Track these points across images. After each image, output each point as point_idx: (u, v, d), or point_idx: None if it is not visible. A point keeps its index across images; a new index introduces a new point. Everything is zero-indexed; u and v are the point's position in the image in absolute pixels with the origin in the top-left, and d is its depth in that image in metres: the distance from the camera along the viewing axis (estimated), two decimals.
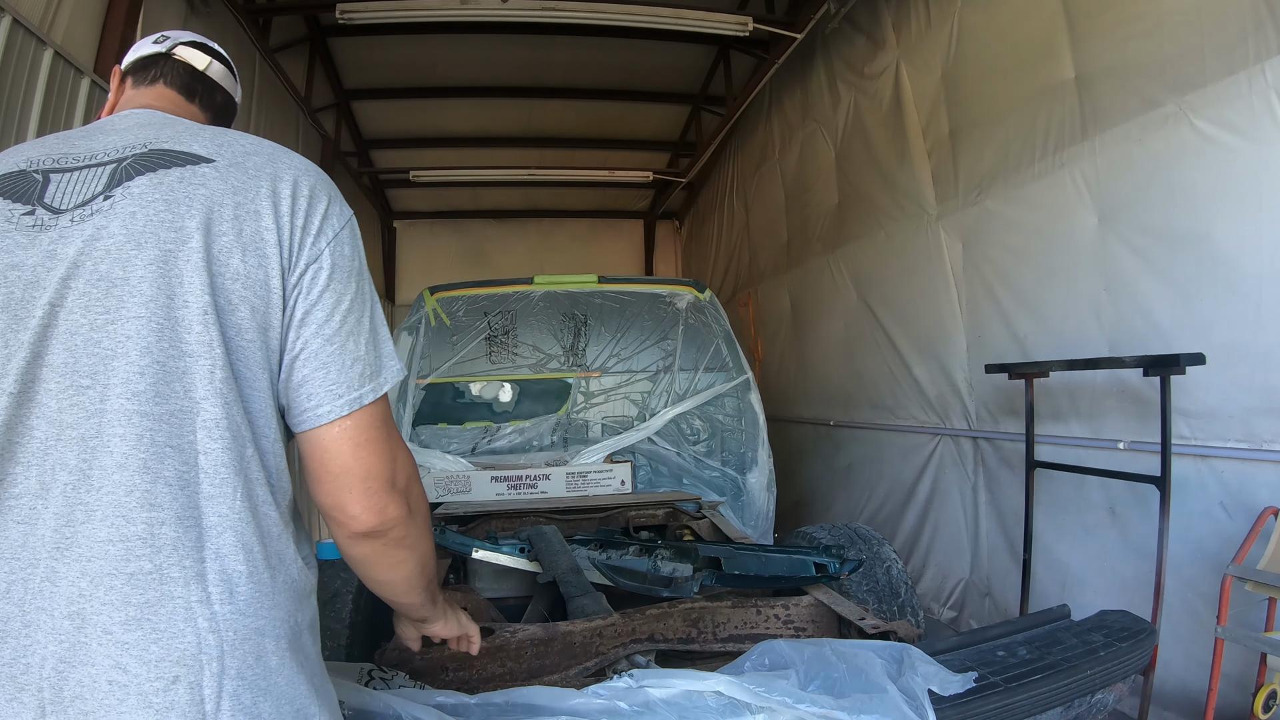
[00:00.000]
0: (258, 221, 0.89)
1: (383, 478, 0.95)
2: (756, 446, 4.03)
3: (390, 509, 0.96)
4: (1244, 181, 2.76)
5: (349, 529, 0.96)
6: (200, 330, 0.83)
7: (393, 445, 0.98)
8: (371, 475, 0.94)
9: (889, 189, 5.17)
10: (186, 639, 0.76)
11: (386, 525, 0.96)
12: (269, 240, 0.89)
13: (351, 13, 5.02)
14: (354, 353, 0.93)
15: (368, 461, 0.93)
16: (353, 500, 0.93)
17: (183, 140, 0.94)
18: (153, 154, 0.91)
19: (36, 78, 3.00)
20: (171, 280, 0.83)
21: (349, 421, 0.92)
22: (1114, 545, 3.38)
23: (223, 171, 0.91)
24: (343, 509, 0.94)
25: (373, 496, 0.94)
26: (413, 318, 4.18)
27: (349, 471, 0.93)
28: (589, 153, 9.04)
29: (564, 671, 1.97)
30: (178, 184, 0.88)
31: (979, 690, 1.45)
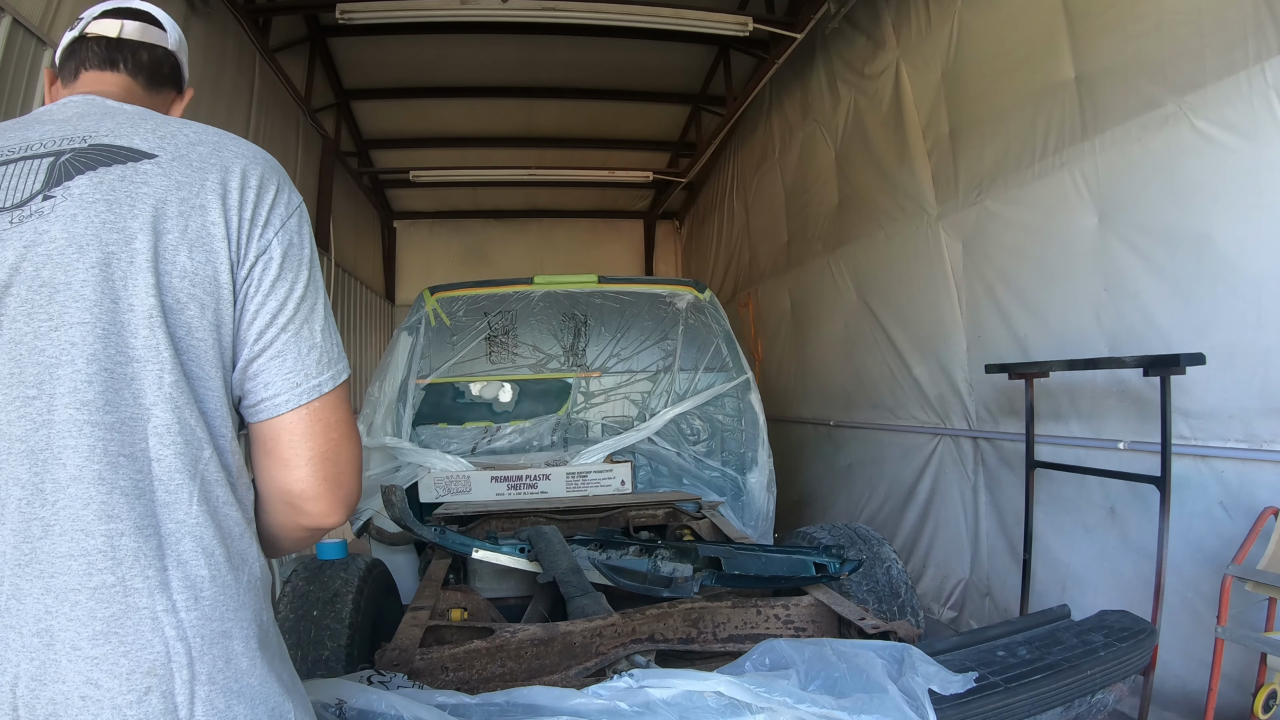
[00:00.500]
0: (204, 216, 0.87)
1: (352, 467, 0.95)
2: (756, 446, 4.03)
3: (354, 500, 0.97)
4: (1244, 181, 2.76)
5: (310, 522, 0.94)
6: (146, 334, 0.81)
7: (355, 434, 0.97)
8: (341, 463, 0.93)
9: (889, 189, 5.17)
10: (155, 649, 0.75)
11: (348, 516, 0.97)
12: (216, 235, 0.87)
13: (351, 13, 5.02)
14: (309, 340, 0.92)
15: (333, 450, 0.92)
16: (320, 494, 0.92)
17: (123, 134, 0.90)
18: (92, 150, 0.88)
19: (36, 78, 3.00)
20: (115, 283, 0.81)
21: (306, 410, 0.90)
22: (1114, 545, 3.38)
23: (166, 167, 0.88)
24: (307, 500, 0.92)
25: (340, 489, 0.93)
26: (413, 318, 4.18)
27: (311, 462, 0.91)
28: (589, 153, 9.04)
29: (564, 671, 1.97)
30: (119, 183, 0.85)
31: (979, 690, 1.45)
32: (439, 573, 2.71)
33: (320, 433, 0.92)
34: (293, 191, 0.98)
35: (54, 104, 1.00)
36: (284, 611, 2.50)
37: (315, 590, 2.55)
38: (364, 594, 2.60)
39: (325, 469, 0.92)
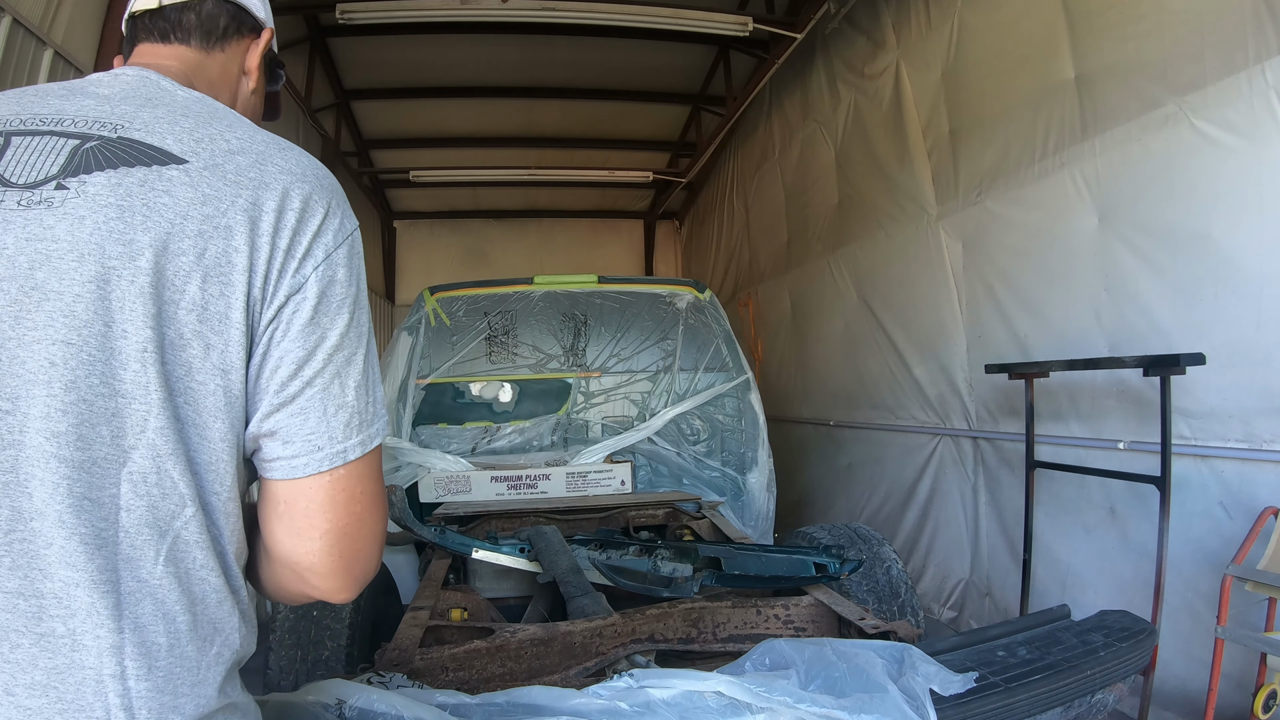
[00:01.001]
0: (228, 240, 0.75)
1: (373, 543, 0.84)
2: (756, 446, 4.03)
3: (370, 576, 0.86)
4: (1244, 181, 2.76)
5: (317, 595, 0.85)
6: (137, 369, 0.71)
7: (381, 506, 0.85)
8: (361, 539, 0.82)
9: (889, 189, 5.17)
10: (95, 713, 0.67)
11: (360, 591, 0.86)
12: (238, 264, 0.75)
13: (351, 13, 5.02)
14: (339, 398, 0.79)
15: (354, 525, 0.81)
16: (331, 571, 0.82)
17: (158, 130, 0.79)
18: (120, 143, 0.77)
19: (36, 78, 3.00)
20: (111, 304, 0.71)
21: (329, 478, 0.79)
22: (1114, 545, 3.38)
23: (194, 176, 0.76)
24: (316, 576, 0.82)
25: (356, 566, 0.83)
26: (413, 318, 4.18)
27: (328, 535, 0.80)
28: (589, 153, 9.04)
29: (564, 671, 1.97)
30: (138, 188, 0.74)
31: (979, 690, 1.45)
32: (439, 573, 2.71)
33: (342, 504, 0.80)
34: (346, 217, 0.85)
35: (106, 74, 0.89)
36: (284, 611, 2.50)
37: None
38: (364, 594, 2.60)
39: (342, 545, 0.81)
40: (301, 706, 1.20)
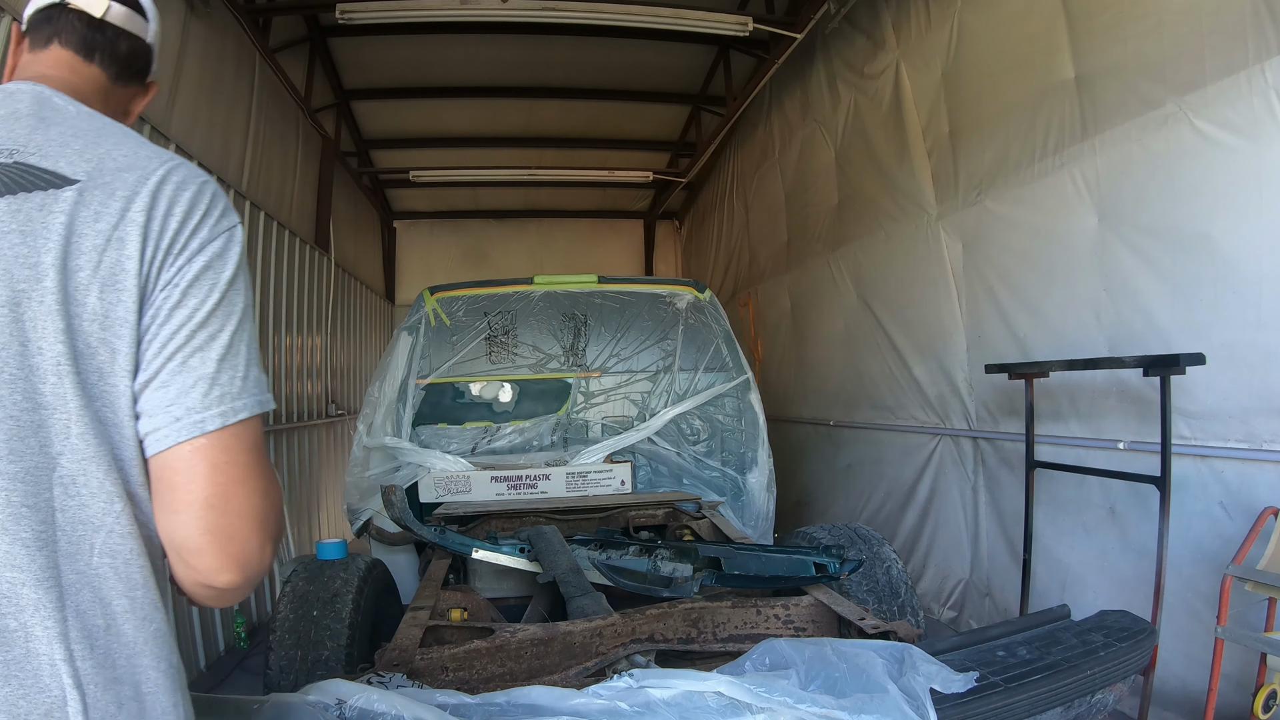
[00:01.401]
0: (121, 250, 0.80)
1: (248, 520, 0.84)
2: (756, 446, 4.03)
3: (254, 560, 0.85)
4: (1244, 181, 2.76)
5: (202, 579, 0.84)
6: (55, 381, 0.76)
7: (258, 483, 0.86)
8: (231, 514, 0.83)
9: (889, 189, 5.17)
10: (53, 693, 0.74)
11: (249, 579, 0.86)
12: (130, 270, 0.80)
13: (351, 13, 5.02)
14: (199, 370, 0.82)
15: (219, 498, 0.82)
16: (203, 548, 0.82)
17: (51, 154, 0.83)
18: (16, 169, 0.81)
19: None
20: (25, 326, 0.76)
21: (190, 448, 0.81)
22: (1114, 545, 3.38)
23: (86, 196, 0.81)
24: (189, 554, 0.83)
25: (232, 544, 0.83)
26: (412, 318, 4.18)
27: (191, 508, 0.81)
28: (589, 153, 9.04)
29: (564, 671, 1.97)
30: (37, 212, 0.79)
31: (979, 690, 1.45)
32: (439, 573, 2.71)
33: (204, 474, 0.81)
34: (225, 214, 0.90)
35: (3, 89, 0.93)
36: (284, 611, 2.50)
37: (315, 590, 2.55)
38: (364, 594, 2.60)
39: (208, 519, 0.81)
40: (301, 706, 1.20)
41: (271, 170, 5.93)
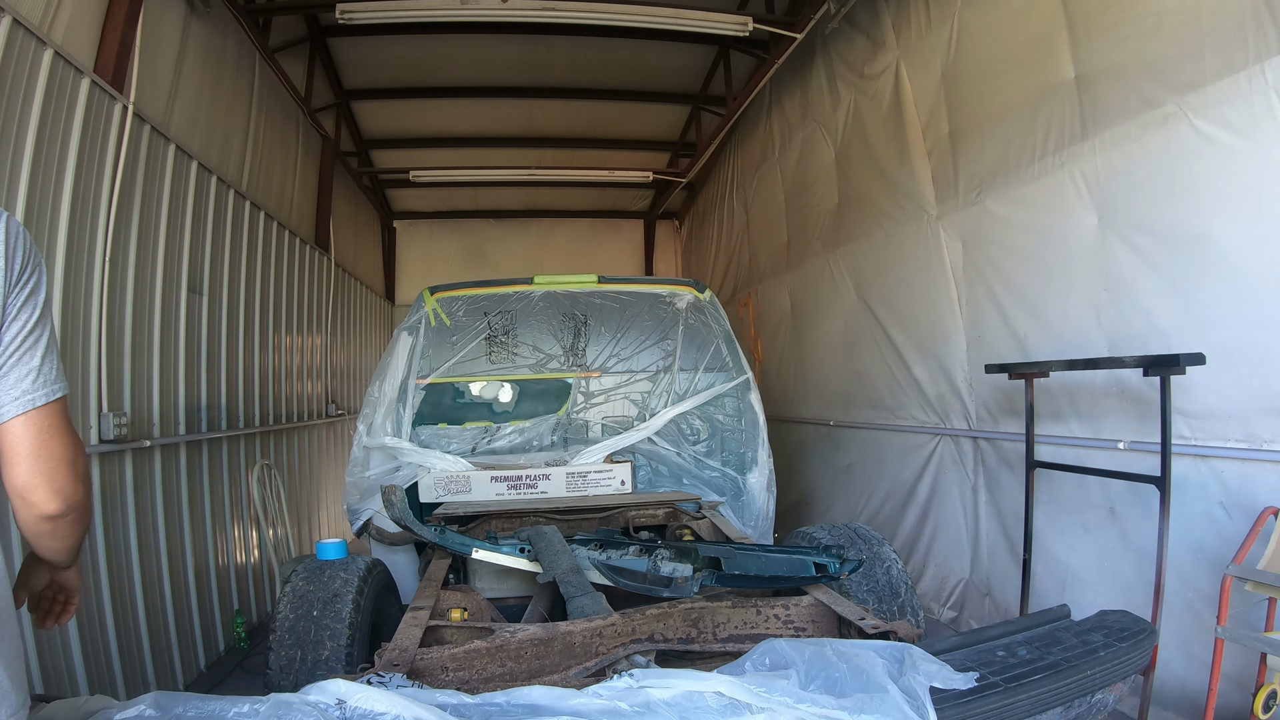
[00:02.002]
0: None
1: (64, 468, 1.15)
2: (756, 446, 4.03)
3: (70, 491, 1.16)
4: (1243, 181, 2.76)
5: (34, 510, 1.15)
6: None
7: (68, 443, 1.17)
8: (50, 462, 1.14)
9: (889, 189, 5.17)
10: None
11: (71, 507, 1.17)
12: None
13: (351, 13, 5.02)
14: (29, 364, 1.14)
15: (43, 449, 1.14)
16: (36, 484, 1.13)
17: None
18: None
19: (36, 78, 3.00)
20: None
21: (23, 419, 1.13)
22: (1114, 545, 3.38)
23: None
24: (30, 491, 1.14)
25: (55, 480, 1.14)
26: (413, 318, 4.17)
27: (28, 458, 1.13)
28: (589, 153, 9.04)
29: (564, 671, 1.97)
30: None
31: (979, 690, 1.45)
32: (439, 573, 2.71)
33: (34, 436, 1.14)
34: (37, 251, 1.20)
35: None
36: (284, 611, 2.50)
37: (315, 590, 2.55)
38: (364, 594, 2.60)
39: (39, 465, 1.14)
40: (301, 706, 1.20)
41: (271, 170, 5.93)
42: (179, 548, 4.06)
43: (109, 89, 3.47)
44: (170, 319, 4.11)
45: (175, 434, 4.08)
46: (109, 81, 3.47)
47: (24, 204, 2.93)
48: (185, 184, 4.31)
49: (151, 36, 3.87)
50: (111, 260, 3.50)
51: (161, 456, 3.89)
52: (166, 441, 3.94)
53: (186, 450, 4.20)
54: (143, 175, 3.81)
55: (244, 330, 5.18)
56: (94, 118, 3.39)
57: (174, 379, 4.13)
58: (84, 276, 3.36)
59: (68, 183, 3.21)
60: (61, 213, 3.18)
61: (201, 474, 4.39)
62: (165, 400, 3.99)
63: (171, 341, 4.12)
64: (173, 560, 3.95)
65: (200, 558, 4.27)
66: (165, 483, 3.91)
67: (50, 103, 3.09)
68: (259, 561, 5.21)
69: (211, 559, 4.42)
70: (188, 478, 4.18)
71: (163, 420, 3.94)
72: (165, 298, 4.03)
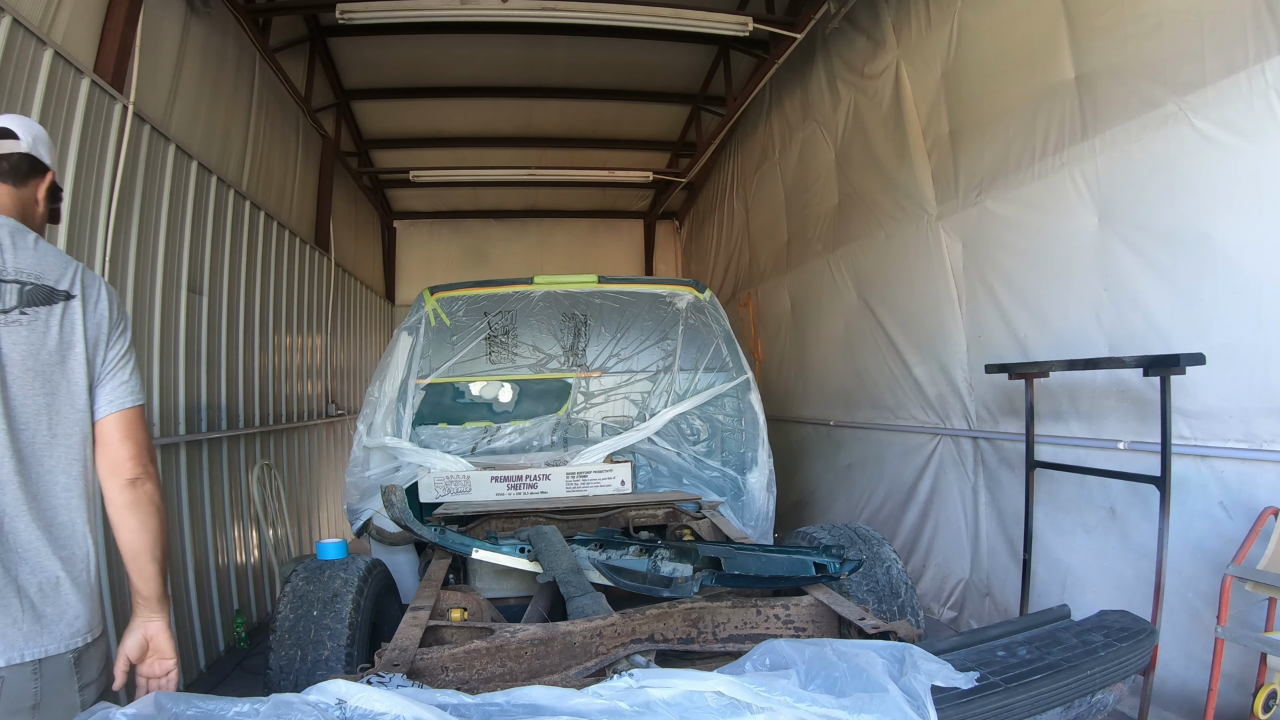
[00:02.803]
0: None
1: (142, 446, 1.62)
2: (756, 446, 4.03)
3: (144, 466, 1.59)
4: (1244, 181, 2.76)
5: (123, 477, 1.56)
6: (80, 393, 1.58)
7: (145, 431, 1.65)
8: (135, 443, 1.61)
9: (889, 189, 5.17)
10: (85, 547, 1.53)
11: (148, 476, 1.59)
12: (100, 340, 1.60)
13: (351, 13, 5.02)
14: (120, 378, 1.63)
15: (131, 436, 1.62)
16: (127, 459, 1.57)
17: (52, 275, 1.52)
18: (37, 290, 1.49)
19: (36, 78, 3.00)
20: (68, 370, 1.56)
21: (118, 414, 1.60)
22: (1114, 545, 3.38)
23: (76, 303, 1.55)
24: (122, 464, 1.56)
25: (140, 455, 1.60)
26: (412, 318, 4.17)
27: (120, 441, 1.58)
28: (589, 153, 9.04)
29: (564, 671, 1.97)
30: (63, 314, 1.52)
31: (979, 690, 1.45)
32: (439, 573, 2.71)
33: (124, 426, 1.61)
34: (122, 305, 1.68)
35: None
36: (284, 611, 2.50)
37: (315, 590, 2.55)
38: (364, 594, 2.60)
39: (128, 446, 1.61)
40: (301, 706, 1.20)
41: (271, 170, 5.93)
42: (179, 548, 4.06)
43: (109, 89, 3.47)
44: (170, 319, 4.11)
45: (175, 434, 4.08)
46: (109, 81, 3.47)
47: None
48: (185, 184, 4.31)
49: (151, 36, 3.87)
50: (111, 260, 3.50)
51: (162, 456, 3.90)
52: (166, 441, 3.94)
53: (186, 450, 4.20)
54: (143, 175, 3.81)
55: (244, 330, 5.18)
56: (94, 117, 3.38)
57: (174, 379, 4.13)
58: None
59: (68, 182, 3.21)
60: (62, 212, 3.18)
61: (201, 474, 4.39)
62: (165, 400, 3.99)
63: (171, 341, 4.12)
64: (173, 560, 3.95)
65: (200, 558, 4.27)
66: (165, 483, 3.91)
67: (50, 102, 3.09)
68: (259, 561, 5.21)
69: (211, 559, 4.42)
70: (188, 478, 4.18)
71: (162, 420, 3.94)
72: (165, 298, 4.03)
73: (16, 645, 1.37)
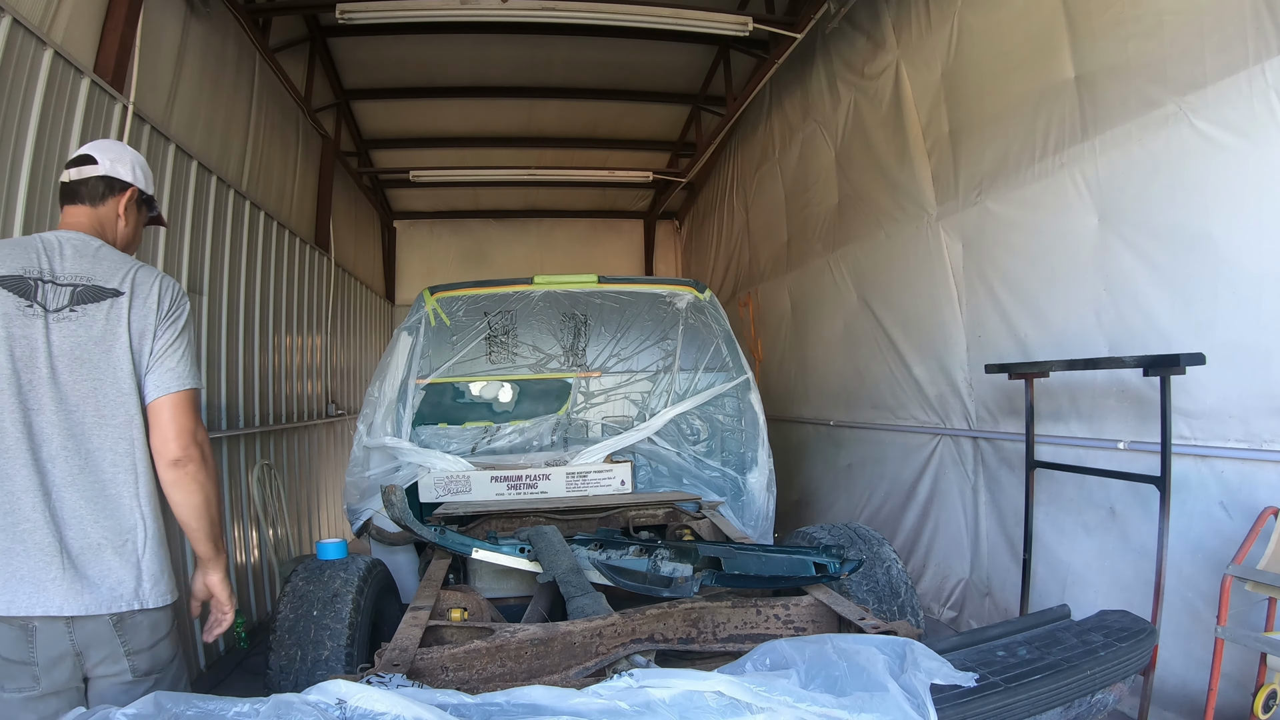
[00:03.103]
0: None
1: (187, 429, 1.73)
2: (756, 446, 4.03)
3: (190, 448, 1.69)
4: (1244, 181, 2.76)
5: (170, 458, 1.67)
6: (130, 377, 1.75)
7: (194, 414, 1.76)
8: (179, 427, 1.71)
9: (889, 189, 5.17)
10: (133, 519, 1.69)
11: (190, 458, 1.69)
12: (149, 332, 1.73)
13: (351, 13, 5.02)
14: (167, 363, 1.77)
15: (178, 419, 1.71)
16: (172, 438, 1.68)
17: (104, 276, 1.70)
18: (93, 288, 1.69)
19: (36, 78, 2.99)
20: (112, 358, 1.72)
21: (168, 397, 1.72)
22: (1114, 545, 3.38)
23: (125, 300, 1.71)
24: (167, 443, 1.68)
25: (181, 438, 1.69)
26: (413, 318, 4.17)
27: (169, 423, 1.69)
28: (589, 153, 9.03)
29: (564, 671, 1.97)
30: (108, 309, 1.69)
31: (979, 690, 1.45)
32: (439, 573, 2.71)
33: (171, 408, 1.73)
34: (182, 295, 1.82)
35: (53, 237, 1.73)
36: (284, 611, 2.50)
37: (315, 590, 2.55)
38: (364, 594, 2.60)
39: (173, 427, 1.73)
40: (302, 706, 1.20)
41: (271, 170, 5.93)
42: (179, 548, 4.05)
43: (109, 89, 3.47)
44: None
45: None
46: (109, 81, 3.47)
47: (24, 204, 2.93)
48: (185, 184, 4.31)
49: (151, 36, 3.87)
50: None
51: None
52: None
53: None
54: None
55: (244, 330, 5.18)
56: (94, 117, 3.38)
57: None
58: None
59: None
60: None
61: None
62: None
63: None
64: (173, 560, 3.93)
65: None
66: None
67: (50, 102, 3.09)
68: (259, 561, 5.21)
69: None
70: None
71: None
72: None
73: (55, 601, 1.52)
